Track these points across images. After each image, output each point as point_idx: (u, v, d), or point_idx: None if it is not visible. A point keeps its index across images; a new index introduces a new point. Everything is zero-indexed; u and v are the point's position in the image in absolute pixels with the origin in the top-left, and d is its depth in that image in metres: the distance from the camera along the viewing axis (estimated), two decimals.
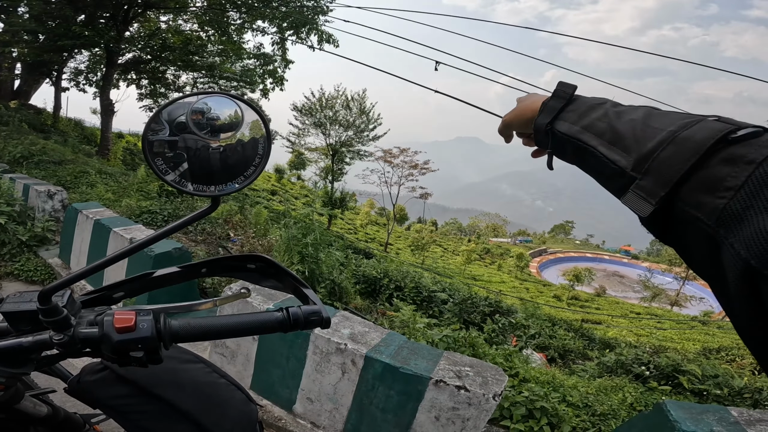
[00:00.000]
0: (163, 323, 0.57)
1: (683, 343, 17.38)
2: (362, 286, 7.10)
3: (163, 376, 0.70)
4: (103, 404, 0.69)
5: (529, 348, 6.87)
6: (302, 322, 0.62)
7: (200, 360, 0.79)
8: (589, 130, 0.51)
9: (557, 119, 0.57)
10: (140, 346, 0.55)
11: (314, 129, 27.66)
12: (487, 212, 75.97)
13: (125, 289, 0.70)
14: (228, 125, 0.61)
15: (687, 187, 0.36)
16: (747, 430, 1.97)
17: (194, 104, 0.59)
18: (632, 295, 36.82)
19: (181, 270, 0.73)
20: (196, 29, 16.89)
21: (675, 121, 0.42)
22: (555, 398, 3.44)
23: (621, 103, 0.53)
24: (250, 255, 0.75)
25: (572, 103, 0.57)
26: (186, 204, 6.43)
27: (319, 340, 2.48)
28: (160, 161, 0.60)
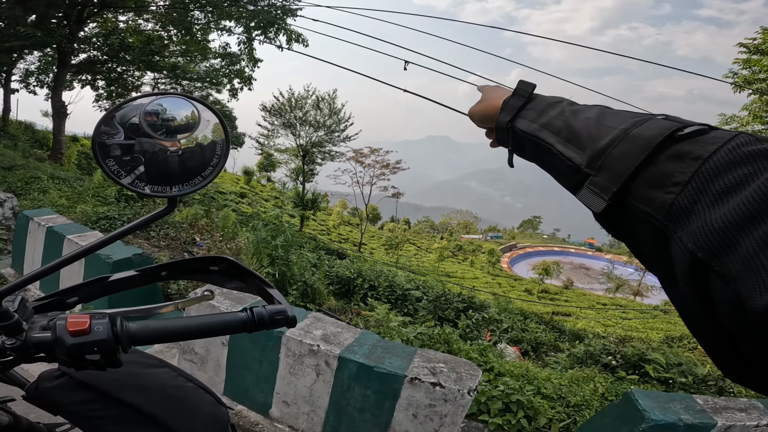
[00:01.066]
0: (119, 326, 0.56)
1: (647, 332, 18.20)
2: (336, 287, 7.02)
3: (126, 380, 0.68)
4: (64, 410, 0.67)
5: (503, 342, 6.99)
6: (267, 322, 0.62)
7: (166, 365, 0.77)
8: (547, 128, 0.52)
9: (517, 117, 0.58)
10: (96, 349, 0.54)
11: (284, 130, 27.25)
12: (458, 209, 77.24)
13: (79, 294, 0.69)
14: (184, 126, 0.60)
15: (637, 183, 0.37)
16: (713, 417, 2.05)
17: (148, 105, 0.58)
18: (598, 287, 38.31)
19: (139, 274, 0.71)
20: (158, 29, 16.25)
21: (626, 119, 0.43)
22: (530, 391, 3.51)
23: (577, 103, 0.54)
24: (213, 257, 0.74)
25: (532, 101, 0.58)
26: (147, 208, 6.15)
27: (291, 343, 2.42)
28: (113, 163, 0.59)
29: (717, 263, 0.28)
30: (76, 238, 4.05)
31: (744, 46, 12.32)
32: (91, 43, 15.48)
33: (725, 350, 0.31)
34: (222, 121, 0.63)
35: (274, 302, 0.66)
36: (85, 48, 15.51)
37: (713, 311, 0.30)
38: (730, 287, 0.27)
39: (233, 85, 17.80)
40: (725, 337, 0.30)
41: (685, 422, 2.00)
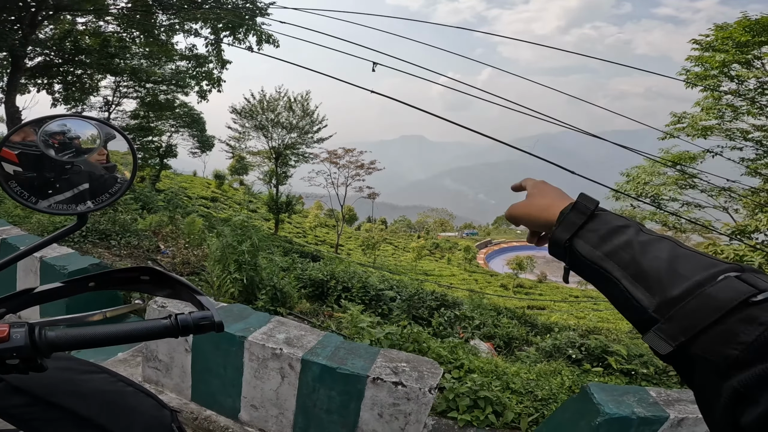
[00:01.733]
0: (38, 334, 0.59)
1: (617, 323, 18.86)
2: (309, 290, 6.96)
3: (60, 385, 0.71)
4: (3, 413, 0.70)
5: (475, 338, 7.11)
6: (192, 328, 0.64)
7: (104, 371, 0.80)
8: (612, 259, 0.52)
9: (577, 236, 0.57)
10: (15, 354, 0.57)
11: (255, 132, 26.80)
12: (434, 208, 77.96)
13: (7, 306, 0.70)
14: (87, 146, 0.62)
15: (705, 337, 0.41)
16: (665, 409, 2.11)
17: (45, 126, 0.60)
18: (570, 280, 39.31)
19: (64, 285, 0.71)
20: (119, 31, 15.64)
21: (699, 269, 0.45)
22: (497, 387, 3.57)
23: (644, 229, 0.54)
24: (140, 267, 0.75)
25: (593, 219, 0.57)
26: (107, 217, 5.93)
27: (254, 347, 2.41)
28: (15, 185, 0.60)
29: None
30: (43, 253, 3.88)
31: (697, 43, 12.87)
32: (45, 46, 14.79)
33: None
34: (126, 138, 0.65)
35: (203, 308, 0.68)
36: (40, 51, 14.80)
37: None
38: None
39: (201, 87, 17.37)
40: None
41: (638, 415, 2.04)
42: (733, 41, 11.90)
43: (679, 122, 14.38)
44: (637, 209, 17.72)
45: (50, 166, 0.60)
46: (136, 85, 18.69)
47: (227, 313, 2.68)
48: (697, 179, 13.95)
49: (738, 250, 13.06)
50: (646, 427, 2.03)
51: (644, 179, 15.11)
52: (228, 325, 2.51)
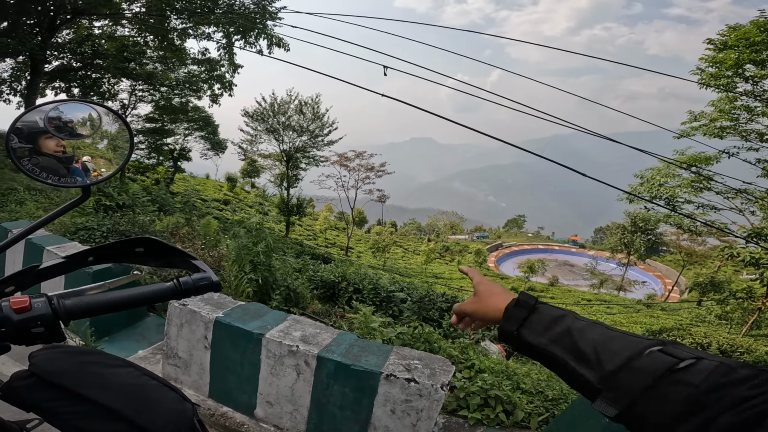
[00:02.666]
0: (56, 302, 0.64)
1: (630, 326, 18.62)
2: (321, 291, 7.05)
3: (89, 379, 0.74)
4: (35, 407, 0.73)
5: (486, 340, 7.11)
6: (192, 288, 0.70)
7: (129, 364, 0.82)
8: (557, 344, 0.62)
9: (523, 327, 0.67)
10: (39, 323, 0.62)
11: (267, 135, 27.05)
12: (444, 210, 77.63)
13: (15, 283, 0.75)
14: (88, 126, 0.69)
15: (642, 401, 0.51)
16: None
17: (50, 112, 0.66)
18: (582, 283, 38.91)
19: (66, 260, 0.77)
20: (134, 35, 15.99)
21: (628, 347, 0.55)
22: (508, 386, 3.60)
23: (578, 317, 0.65)
24: (136, 238, 0.80)
25: (535, 312, 0.68)
26: (127, 218, 6.10)
27: (271, 344, 2.48)
28: (27, 163, 0.67)
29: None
30: (56, 249, 4.03)
31: (712, 43, 12.67)
32: (64, 50, 15.15)
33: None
34: (121, 117, 0.72)
35: (200, 272, 0.73)
36: (58, 55, 15.17)
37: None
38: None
39: (214, 91, 17.63)
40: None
41: None
42: (747, 41, 11.73)
43: (695, 120, 14.10)
44: (651, 212, 17.46)
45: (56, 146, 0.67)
46: (150, 89, 19.04)
47: (245, 312, 2.76)
48: (713, 181, 13.72)
49: (754, 252, 12.82)
50: None
51: (659, 181, 14.88)
52: (246, 323, 2.60)
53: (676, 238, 32.98)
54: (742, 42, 11.82)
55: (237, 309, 2.79)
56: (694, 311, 23.18)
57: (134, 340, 3.97)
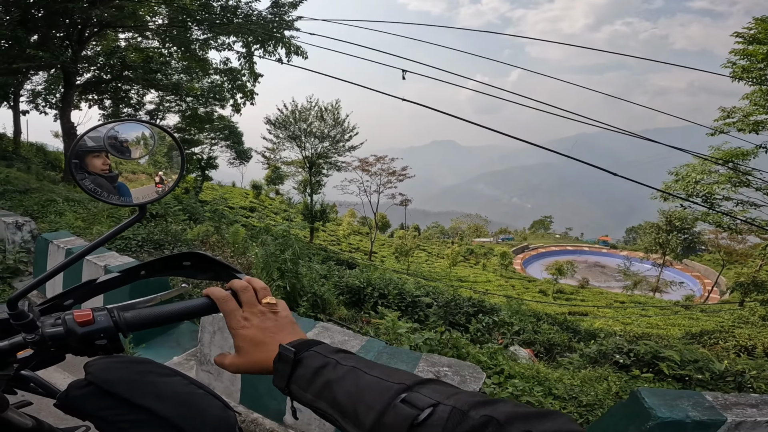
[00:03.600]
0: (117, 315, 0.67)
1: (668, 329, 17.83)
2: (347, 297, 7.08)
3: (144, 388, 0.76)
4: (91, 415, 0.75)
5: (515, 344, 6.97)
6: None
7: (178, 374, 0.85)
8: (322, 399, 0.59)
9: (291, 383, 0.63)
10: (102, 335, 0.64)
11: (289, 142, 27.51)
12: (467, 213, 76.85)
13: (73, 297, 0.77)
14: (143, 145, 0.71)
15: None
16: (723, 413, 2.00)
17: (109, 132, 0.69)
18: (615, 285, 37.68)
19: (121, 275, 0.79)
20: (158, 46, 16.58)
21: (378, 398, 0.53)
22: (539, 392, 3.51)
23: (342, 362, 0.61)
24: (184, 253, 0.82)
25: (299, 365, 0.62)
26: (160, 228, 6.31)
27: None
28: (88, 182, 0.69)
29: None
30: (95, 258, 4.19)
31: (740, 36, 12.19)
32: (94, 62, 15.75)
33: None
34: (173, 137, 0.74)
35: None
36: (89, 67, 15.78)
37: None
38: None
39: (236, 101, 18.07)
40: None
41: (693, 419, 1.96)
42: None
43: (728, 117, 13.51)
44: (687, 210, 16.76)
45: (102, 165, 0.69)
46: (177, 99, 19.67)
47: None
48: (751, 177, 13.04)
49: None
50: (702, 430, 1.95)
51: (694, 178, 14.25)
52: None
53: (714, 237, 31.49)
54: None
55: None
56: (737, 312, 21.97)
57: (169, 346, 4.08)
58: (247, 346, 0.69)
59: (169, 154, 0.75)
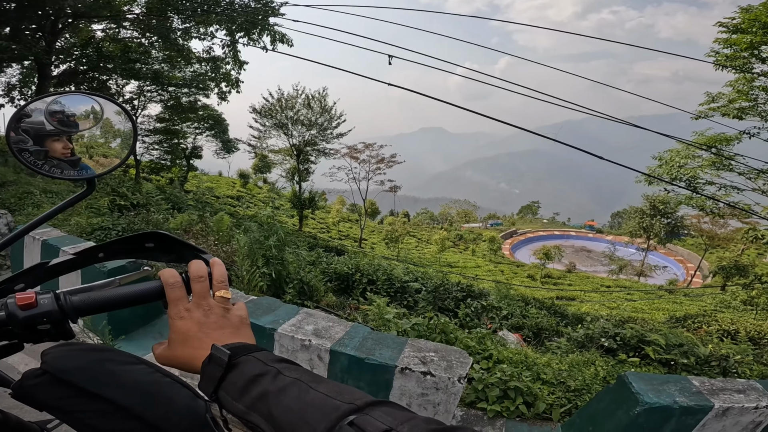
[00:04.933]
0: (63, 299, 0.62)
1: (653, 313, 18.25)
2: (335, 284, 7.03)
3: (101, 377, 0.72)
4: (47, 405, 0.71)
5: (503, 329, 7.02)
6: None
7: (142, 361, 0.80)
8: (255, 411, 0.52)
9: (220, 389, 0.56)
10: (45, 319, 0.60)
11: (276, 130, 27.16)
12: (456, 199, 77.27)
13: (24, 281, 0.73)
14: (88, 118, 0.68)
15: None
16: (710, 399, 2.01)
17: (50, 104, 0.65)
18: (601, 269, 38.39)
19: (76, 257, 0.75)
20: (136, 36, 16.08)
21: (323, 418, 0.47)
22: (528, 377, 3.52)
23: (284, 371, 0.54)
24: (146, 233, 0.77)
25: (233, 370, 0.56)
26: (141, 217, 6.14)
27: (284, 339, 2.45)
28: (29, 155, 0.65)
29: None
30: (71, 249, 4.06)
31: (723, 26, 12.36)
32: (69, 54, 15.30)
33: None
34: (124, 109, 0.70)
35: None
36: (64, 59, 15.33)
37: None
38: None
39: (221, 89, 17.70)
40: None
41: (680, 404, 1.96)
42: (759, 23, 11.40)
43: (713, 102, 13.70)
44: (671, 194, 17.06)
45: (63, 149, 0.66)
46: (159, 89, 19.19)
47: (257, 306, 2.73)
48: (734, 162, 13.27)
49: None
50: (689, 416, 1.95)
51: (678, 162, 14.50)
52: (258, 318, 2.57)
53: (697, 221, 32.17)
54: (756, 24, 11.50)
55: (249, 304, 2.76)
56: (719, 296, 22.59)
57: (151, 337, 4.00)
58: (177, 339, 0.63)
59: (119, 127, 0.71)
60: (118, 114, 0.70)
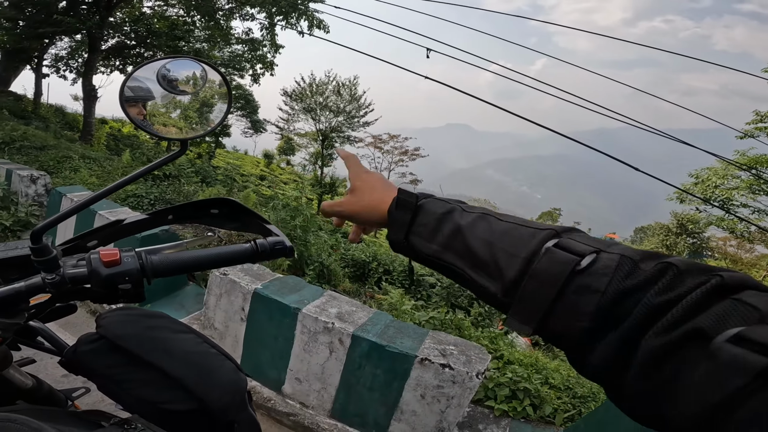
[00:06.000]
0: (144, 258, 0.61)
1: None
2: (351, 270, 7.12)
3: (156, 344, 0.72)
4: (98, 373, 0.71)
5: (514, 332, 7.01)
6: (268, 252, 0.68)
7: (191, 331, 0.81)
8: (450, 250, 0.52)
9: (411, 234, 0.56)
10: (127, 278, 0.58)
11: (304, 114, 27.34)
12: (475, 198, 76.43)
13: (98, 237, 0.73)
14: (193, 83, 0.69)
15: (554, 317, 0.43)
16: None
17: (164, 66, 0.66)
18: None
19: (149, 217, 0.76)
20: (182, 14, 16.37)
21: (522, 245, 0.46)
22: (537, 380, 3.54)
23: (466, 208, 0.53)
24: (215, 199, 0.79)
25: (420, 212, 0.56)
26: (173, 188, 6.33)
27: (307, 320, 2.50)
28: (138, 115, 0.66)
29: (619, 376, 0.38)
30: (107, 213, 4.21)
31: None
32: (120, 29, 15.69)
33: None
34: (225, 79, 0.71)
35: (273, 236, 0.71)
36: (114, 34, 15.73)
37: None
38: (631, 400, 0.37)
39: (255, 71, 17.89)
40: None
41: None
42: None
43: (761, 121, 13.09)
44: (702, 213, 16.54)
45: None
46: None
47: (283, 285, 2.79)
48: None
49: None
50: None
51: (714, 182, 14.00)
52: (283, 296, 2.62)
53: (723, 244, 31.04)
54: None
55: (275, 282, 2.82)
56: None
57: (173, 308, 4.04)
58: (365, 188, 0.64)
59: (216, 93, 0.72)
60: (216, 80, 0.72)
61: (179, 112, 0.72)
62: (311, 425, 2.56)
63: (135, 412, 0.67)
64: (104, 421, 0.64)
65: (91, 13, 13.69)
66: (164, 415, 0.68)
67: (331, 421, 2.56)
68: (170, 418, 0.68)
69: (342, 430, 2.52)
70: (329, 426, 2.54)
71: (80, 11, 13.32)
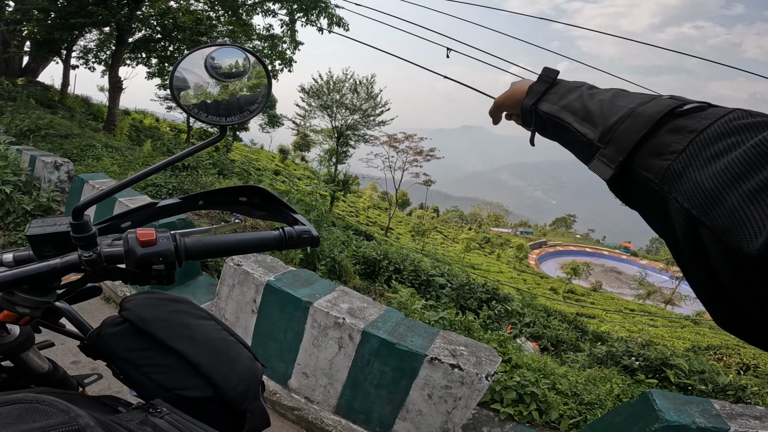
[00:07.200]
0: (179, 240, 0.61)
1: (673, 341, 17.54)
2: (361, 267, 7.15)
3: (179, 330, 0.74)
4: (118, 356, 0.72)
5: (522, 336, 6.97)
6: (296, 240, 0.69)
7: (212, 317, 0.82)
8: (567, 109, 0.57)
9: (541, 100, 0.63)
10: (161, 259, 0.58)
11: (320, 111, 27.52)
12: (488, 201, 75.87)
13: (131, 219, 0.74)
14: (237, 71, 0.71)
15: (640, 153, 0.42)
16: (728, 423, 2.02)
17: (212, 52, 0.68)
18: (628, 292, 36.99)
19: (181, 201, 0.77)
20: (206, 9, 16.62)
21: (636, 99, 0.47)
22: (545, 385, 3.52)
23: (597, 86, 0.58)
24: (243, 186, 0.80)
25: (555, 86, 0.63)
26: (191, 179, 6.43)
27: (318, 314, 2.49)
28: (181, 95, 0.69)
29: (707, 218, 0.32)
30: (127, 201, 4.29)
31: None
32: (147, 22, 16.03)
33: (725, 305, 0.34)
34: (266, 68, 0.73)
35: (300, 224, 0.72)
36: (140, 27, 16.07)
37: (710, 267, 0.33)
38: (720, 240, 0.31)
39: (274, 67, 18.06)
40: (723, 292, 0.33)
41: (698, 425, 1.98)
42: None
43: None
44: None
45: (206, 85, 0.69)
46: None
47: (296, 278, 2.80)
48: None
49: None
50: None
51: None
52: (296, 290, 2.63)
53: None
54: None
55: (288, 274, 2.84)
56: None
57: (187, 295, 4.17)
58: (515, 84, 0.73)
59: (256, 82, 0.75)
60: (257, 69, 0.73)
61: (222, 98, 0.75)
62: (315, 420, 2.55)
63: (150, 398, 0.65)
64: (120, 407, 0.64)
65: (121, 5, 13.99)
66: (179, 403, 0.67)
67: (335, 417, 2.55)
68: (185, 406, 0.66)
69: (346, 427, 2.51)
70: (333, 422, 2.53)
71: (110, 3, 13.61)
